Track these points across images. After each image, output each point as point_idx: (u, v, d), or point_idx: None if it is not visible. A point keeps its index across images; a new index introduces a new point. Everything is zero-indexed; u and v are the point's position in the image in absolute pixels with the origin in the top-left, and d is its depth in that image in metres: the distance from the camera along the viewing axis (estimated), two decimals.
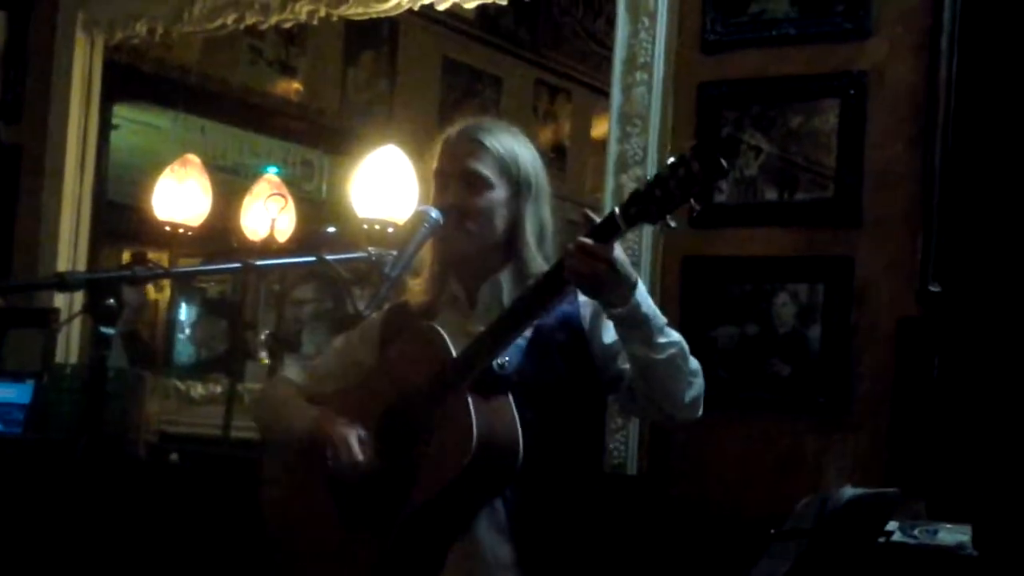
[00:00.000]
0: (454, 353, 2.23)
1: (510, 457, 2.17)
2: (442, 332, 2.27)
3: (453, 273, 2.41)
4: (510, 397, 2.20)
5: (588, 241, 2.08)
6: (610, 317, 2.18)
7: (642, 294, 2.15)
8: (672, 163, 2.01)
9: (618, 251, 2.10)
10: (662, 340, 2.17)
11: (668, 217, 2.04)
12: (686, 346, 2.23)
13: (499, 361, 2.21)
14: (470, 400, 2.16)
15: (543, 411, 2.23)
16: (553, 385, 2.27)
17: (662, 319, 2.19)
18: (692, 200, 2.01)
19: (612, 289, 2.11)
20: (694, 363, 2.24)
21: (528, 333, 2.27)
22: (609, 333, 2.29)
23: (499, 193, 2.34)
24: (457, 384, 2.19)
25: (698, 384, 2.25)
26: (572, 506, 2.28)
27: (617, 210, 2.08)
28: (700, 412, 2.30)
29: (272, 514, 2.50)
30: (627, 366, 2.27)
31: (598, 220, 2.10)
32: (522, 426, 2.18)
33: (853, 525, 2.21)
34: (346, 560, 2.31)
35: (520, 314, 2.19)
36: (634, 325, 2.15)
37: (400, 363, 2.35)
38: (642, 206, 2.04)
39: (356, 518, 2.32)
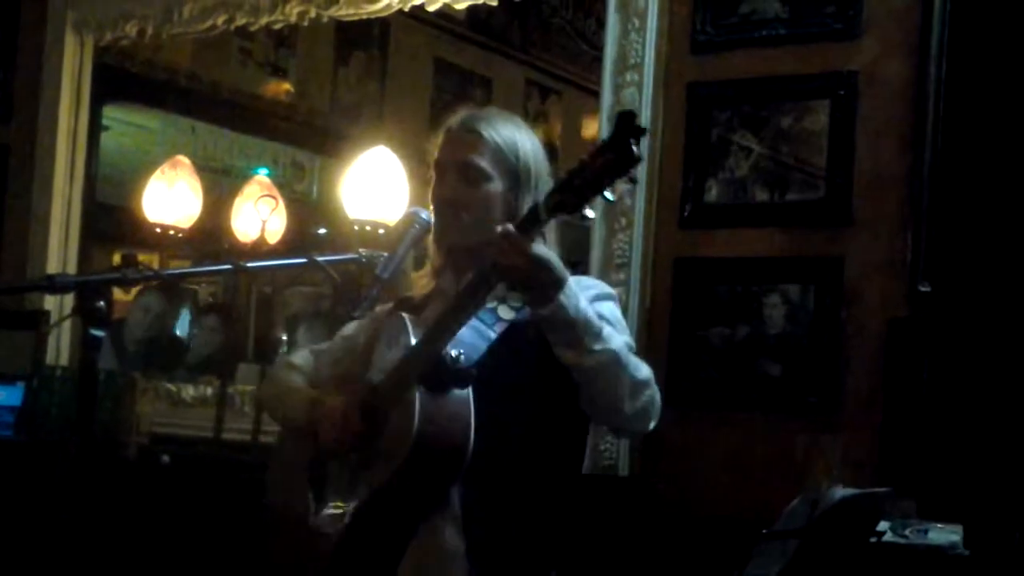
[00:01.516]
0: (413, 342, 2.22)
1: (454, 452, 2.13)
2: (406, 320, 2.26)
3: (451, 266, 2.40)
4: (468, 392, 2.16)
5: (510, 228, 2.06)
6: (535, 318, 2.15)
7: (570, 297, 2.10)
8: (591, 152, 2.00)
9: (543, 248, 2.09)
10: (596, 347, 2.12)
11: (586, 208, 2.03)
12: (627, 356, 2.16)
13: (453, 353, 2.18)
14: (417, 394, 2.14)
15: (511, 408, 2.22)
16: (522, 382, 2.24)
17: (598, 326, 2.14)
18: (606, 192, 2.00)
19: (534, 286, 2.09)
20: (643, 373, 2.18)
21: (500, 328, 2.26)
22: None
23: (496, 185, 2.32)
24: (409, 376, 2.18)
25: (647, 395, 2.19)
26: (528, 503, 2.25)
27: (539, 201, 2.07)
28: (652, 424, 2.24)
29: (268, 502, 2.52)
30: None
31: (509, 228, 2.08)
32: (485, 422, 2.15)
33: (844, 525, 2.21)
34: (313, 545, 2.31)
35: (457, 306, 2.16)
36: (558, 328, 2.12)
37: (375, 354, 2.34)
38: (562, 196, 2.03)
39: (325, 503, 2.32)
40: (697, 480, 3.25)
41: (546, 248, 2.10)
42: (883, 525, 2.53)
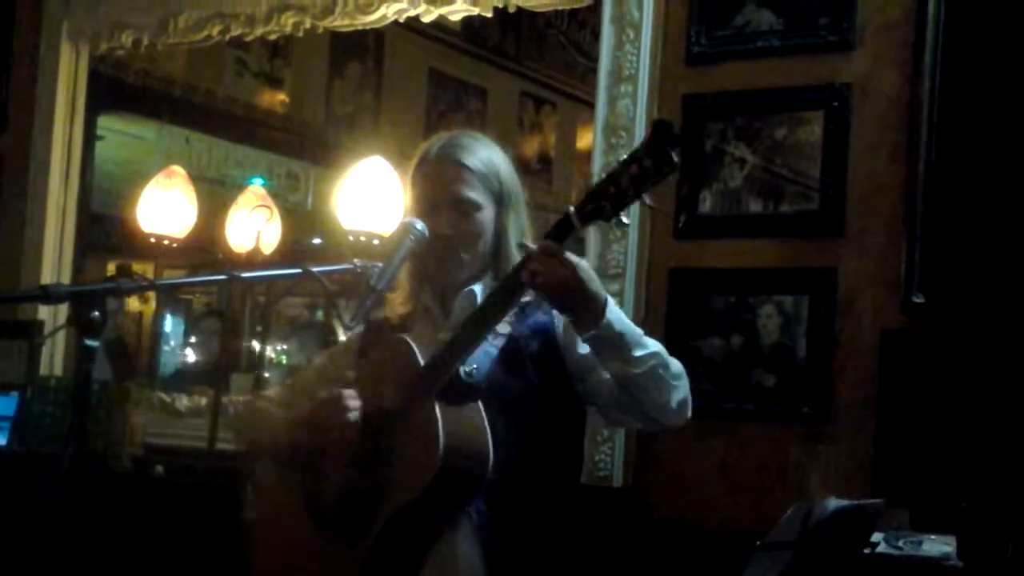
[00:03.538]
0: (422, 362, 2.23)
1: (479, 464, 2.16)
2: (410, 342, 2.27)
3: (428, 286, 2.41)
4: (480, 405, 2.19)
5: (549, 243, 2.07)
6: (583, 339, 2.17)
7: (614, 312, 2.13)
8: (624, 160, 2.01)
9: (585, 263, 2.10)
10: (639, 353, 2.16)
11: (622, 214, 2.03)
12: (664, 353, 2.21)
13: (467, 369, 2.19)
14: (437, 409, 2.15)
15: (514, 420, 2.23)
16: (524, 394, 2.26)
17: (637, 331, 2.18)
18: (644, 196, 2.00)
19: (580, 304, 2.10)
20: (676, 367, 2.23)
21: (500, 342, 2.27)
22: (584, 345, 2.29)
23: (487, 213, 2.35)
24: (425, 393, 2.18)
25: (683, 386, 2.24)
26: (543, 515, 2.27)
27: (572, 208, 2.07)
28: (689, 414, 2.28)
29: (252, 529, 2.50)
30: (607, 376, 2.26)
31: (532, 247, 2.09)
32: (493, 435, 2.17)
33: (838, 536, 2.21)
34: (324, 570, 2.30)
35: (479, 321, 2.18)
36: (608, 345, 2.14)
37: (372, 375, 2.35)
38: (596, 203, 2.03)
39: (330, 528, 2.31)
40: (691, 491, 3.25)
41: (587, 264, 2.11)
42: (877, 536, 2.53)
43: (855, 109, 3.17)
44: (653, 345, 2.19)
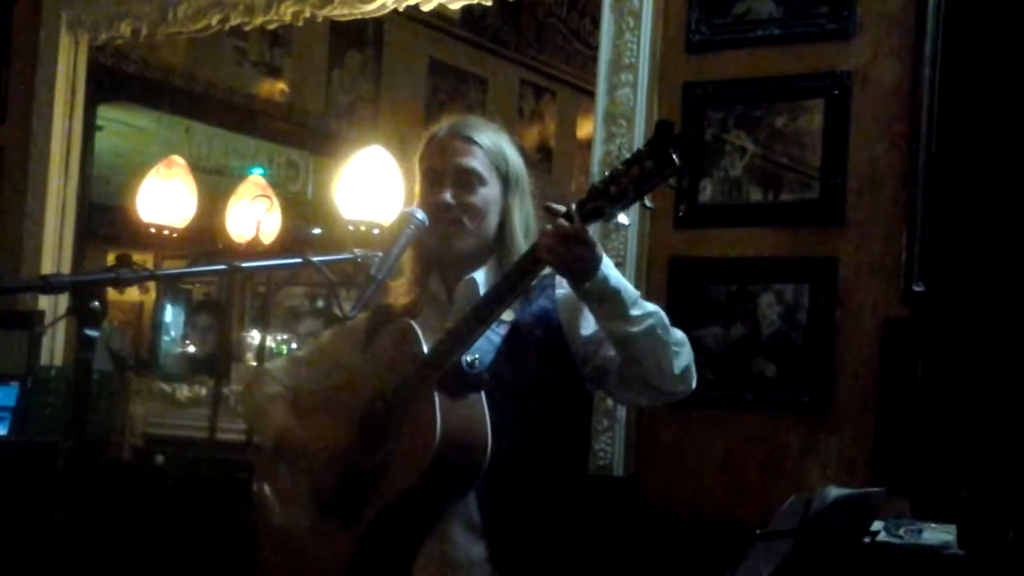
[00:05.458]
0: (426, 349, 2.23)
1: (477, 455, 2.16)
2: (416, 328, 2.27)
3: (435, 272, 2.41)
4: (482, 395, 2.19)
5: (566, 225, 2.06)
6: (579, 294, 2.17)
7: (608, 267, 2.14)
8: (626, 160, 2.01)
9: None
10: (637, 312, 2.16)
11: (621, 215, 2.03)
12: (665, 317, 2.20)
13: (469, 358, 2.19)
14: (436, 397, 2.16)
15: (518, 408, 2.23)
16: (528, 382, 2.26)
17: (634, 292, 2.18)
18: (645, 198, 2.00)
19: (579, 267, 2.11)
20: (677, 333, 2.23)
21: (503, 330, 2.27)
22: (588, 324, 2.29)
23: (491, 189, 2.35)
24: (426, 380, 2.19)
25: (685, 354, 2.23)
26: (547, 504, 2.27)
27: (573, 206, 2.07)
28: (694, 383, 2.28)
29: (259, 505, 2.51)
30: (612, 353, 2.26)
31: (561, 209, 2.10)
32: (496, 424, 2.17)
33: (838, 525, 2.21)
34: (322, 552, 2.31)
35: (482, 312, 2.19)
36: (604, 299, 2.14)
37: (378, 360, 2.35)
38: (596, 203, 2.03)
39: (332, 511, 2.32)
40: (691, 480, 3.25)
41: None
42: (877, 525, 2.54)
43: (855, 97, 3.16)
44: (651, 307, 2.19)
